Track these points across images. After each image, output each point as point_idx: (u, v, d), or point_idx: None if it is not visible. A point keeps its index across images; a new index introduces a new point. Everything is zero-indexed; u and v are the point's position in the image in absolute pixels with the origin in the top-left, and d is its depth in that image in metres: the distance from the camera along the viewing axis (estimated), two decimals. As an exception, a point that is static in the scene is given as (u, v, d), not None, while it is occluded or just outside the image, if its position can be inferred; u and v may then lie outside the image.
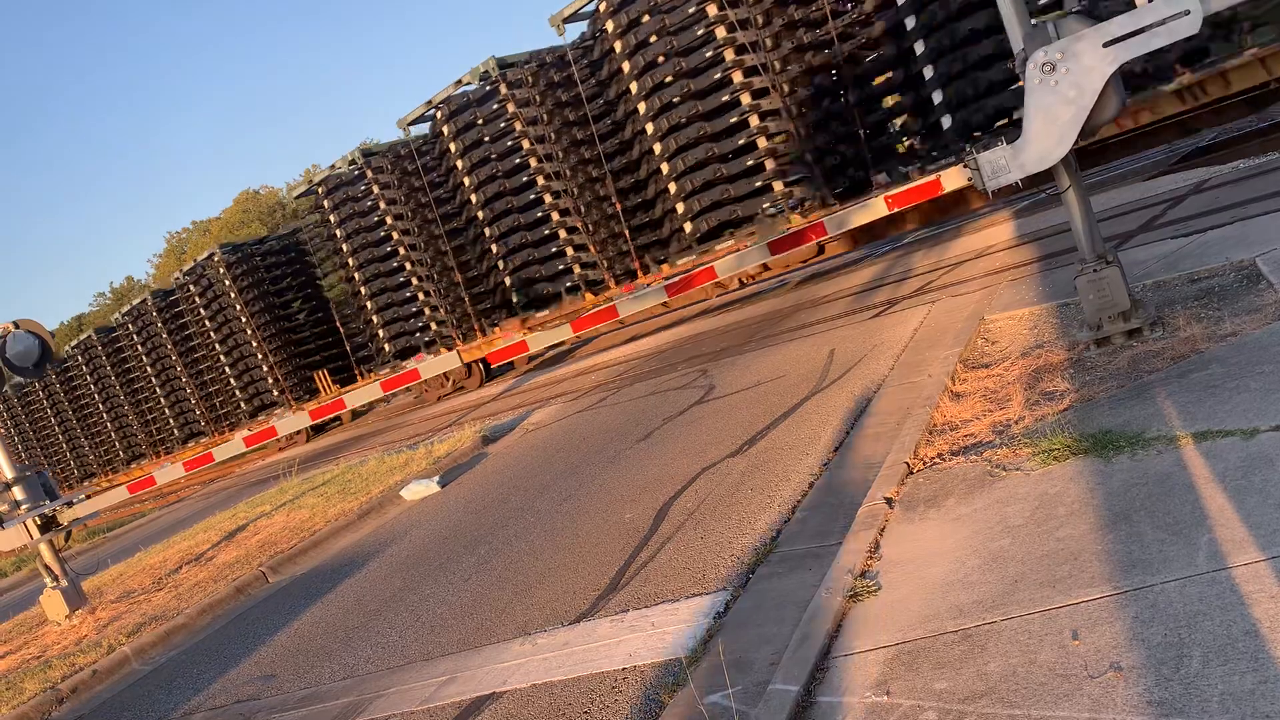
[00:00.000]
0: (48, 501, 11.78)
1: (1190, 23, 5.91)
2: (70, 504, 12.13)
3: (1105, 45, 6.18)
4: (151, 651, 9.12)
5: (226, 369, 28.40)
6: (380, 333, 23.54)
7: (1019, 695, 3.39)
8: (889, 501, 5.61)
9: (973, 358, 7.97)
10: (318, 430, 28.62)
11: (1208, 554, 3.78)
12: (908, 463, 6.05)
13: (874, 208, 11.94)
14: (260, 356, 27.32)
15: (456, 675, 5.82)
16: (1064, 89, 6.33)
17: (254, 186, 67.45)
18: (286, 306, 27.93)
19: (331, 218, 23.45)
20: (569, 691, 5.03)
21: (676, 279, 14.90)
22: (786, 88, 16.10)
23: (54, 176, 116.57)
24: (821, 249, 17.35)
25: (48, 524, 11.70)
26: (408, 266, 22.73)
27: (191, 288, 28.38)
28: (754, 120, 16.23)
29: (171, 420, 31.72)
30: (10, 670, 9.73)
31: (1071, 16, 6.44)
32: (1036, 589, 4.03)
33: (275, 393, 27.29)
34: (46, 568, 11.50)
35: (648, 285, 17.16)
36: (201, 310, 28.32)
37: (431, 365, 18.36)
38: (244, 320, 27.12)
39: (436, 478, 12.05)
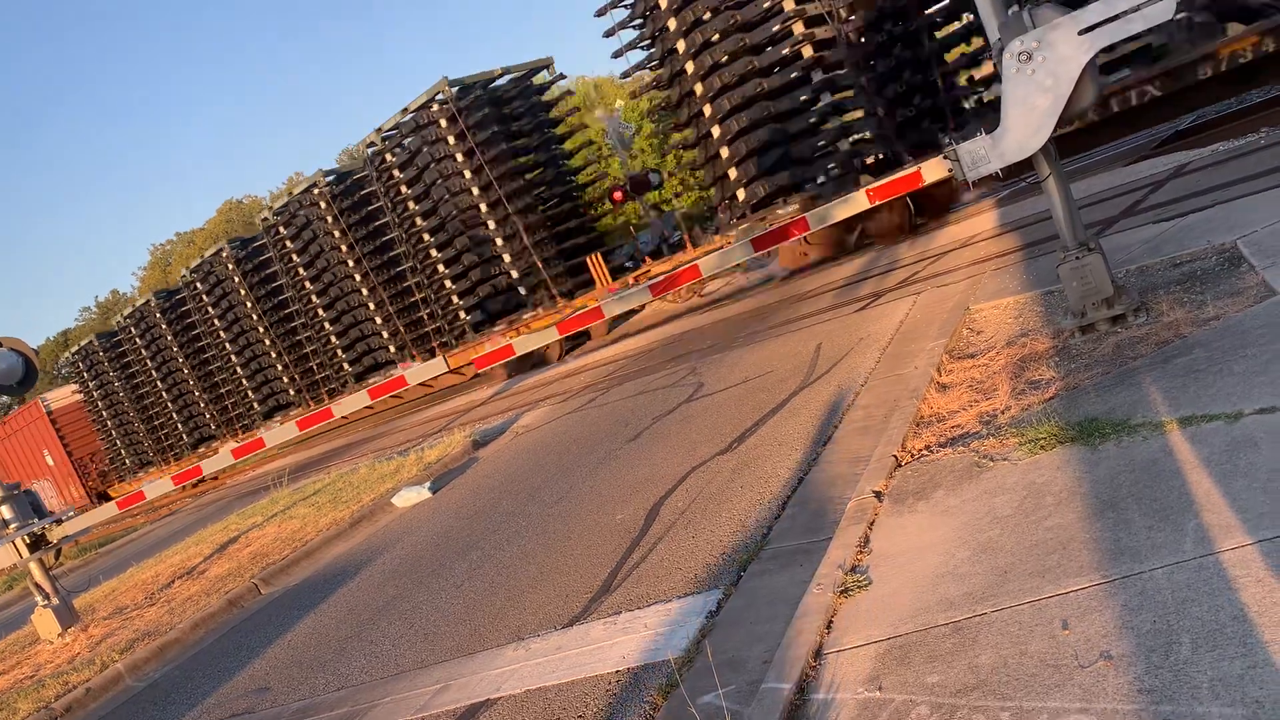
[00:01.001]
0: (36, 519, 11.70)
1: (1164, 8, 5.92)
2: (59, 521, 12.06)
3: (1080, 33, 6.18)
4: (145, 667, 9.07)
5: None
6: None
7: (1010, 687, 3.39)
8: (878, 495, 5.61)
9: (958, 348, 7.98)
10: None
11: (1195, 539, 3.78)
12: (896, 456, 6.06)
13: (855, 201, 11.95)
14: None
15: (451, 683, 5.80)
16: (1041, 78, 6.34)
17: (237, 196, 67.17)
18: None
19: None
20: (563, 696, 5.02)
21: (660, 278, 14.89)
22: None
23: (36, 192, 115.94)
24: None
25: (37, 542, 11.62)
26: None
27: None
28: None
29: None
30: (3, 690, 9.67)
31: (1046, 5, 6.44)
32: (1026, 579, 4.04)
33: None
34: (37, 586, 11.43)
35: (632, 286, 17.15)
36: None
37: (418, 371, 18.28)
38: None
39: (427, 484, 12.02)
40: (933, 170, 10.48)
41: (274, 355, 26.41)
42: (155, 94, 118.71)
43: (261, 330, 26.25)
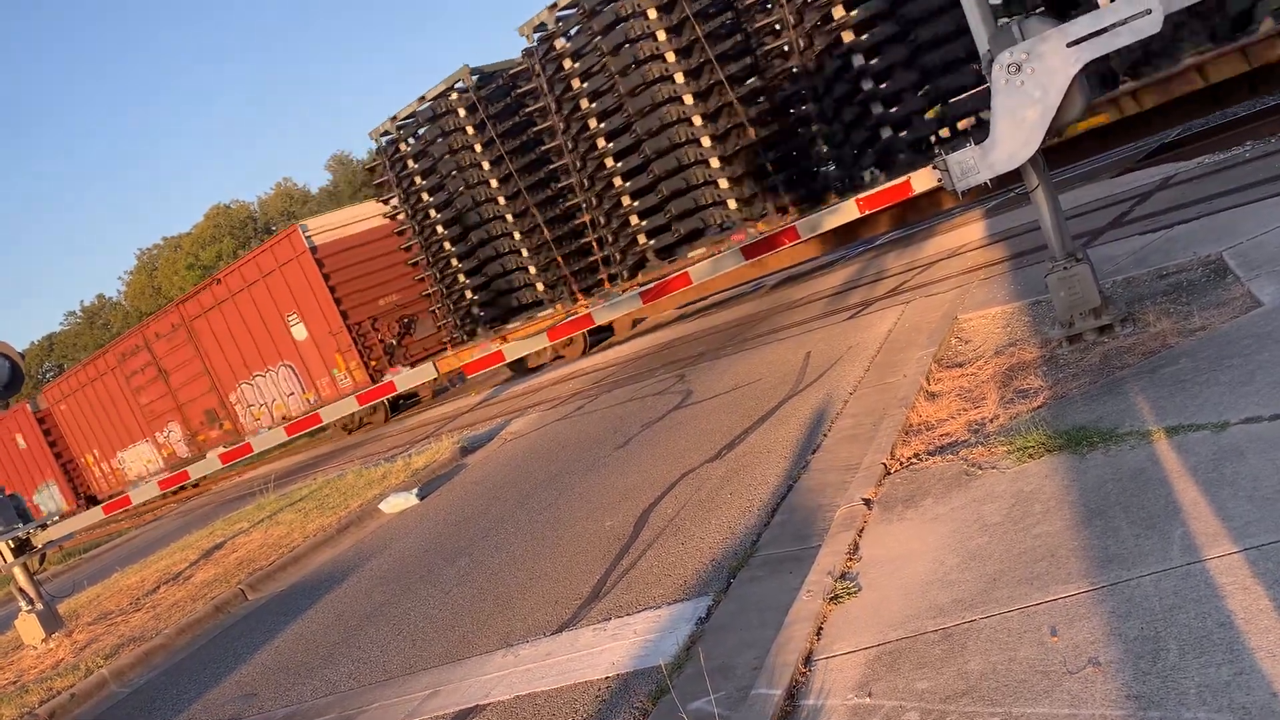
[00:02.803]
0: (21, 524, 11.63)
1: (1151, 22, 5.98)
2: (44, 526, 11.99)
3: (1069, 45, 6.24)
4: (130, 673, 9.03)
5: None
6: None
7: (1000, 693, 3.41)
8: (867, 503, 5.63)
9: (947, 357, 8.02)
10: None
11: (1182, 547, 3.82)
12: (885, 464, 6.08)
13: (845, 210, 11.98)
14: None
15: (439, 689, 5.79)
16: (1030, 89, 6.39)
17: (225, 201, 66.98)
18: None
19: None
20: (552, 702, 5.02)
21: (651, 285, 14.90)
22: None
23: (22, 196, 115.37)
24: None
25: (21, 547, 11.55)
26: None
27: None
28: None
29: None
30: (-14, 696, 9.60)
31: (1035, 17, 6.50)
32: (1015, 586, 4.06)
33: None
34: (21, 591, 11.36)
35: (623, 293, 17.16)
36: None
37: (407, 377, 18.20)
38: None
39: (415, 490, 12.00)
40: (922, 180, 10.51)
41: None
42: (142, 98, 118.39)
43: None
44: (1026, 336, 7.59)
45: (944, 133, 13.71)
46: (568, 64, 16.79)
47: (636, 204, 16.67)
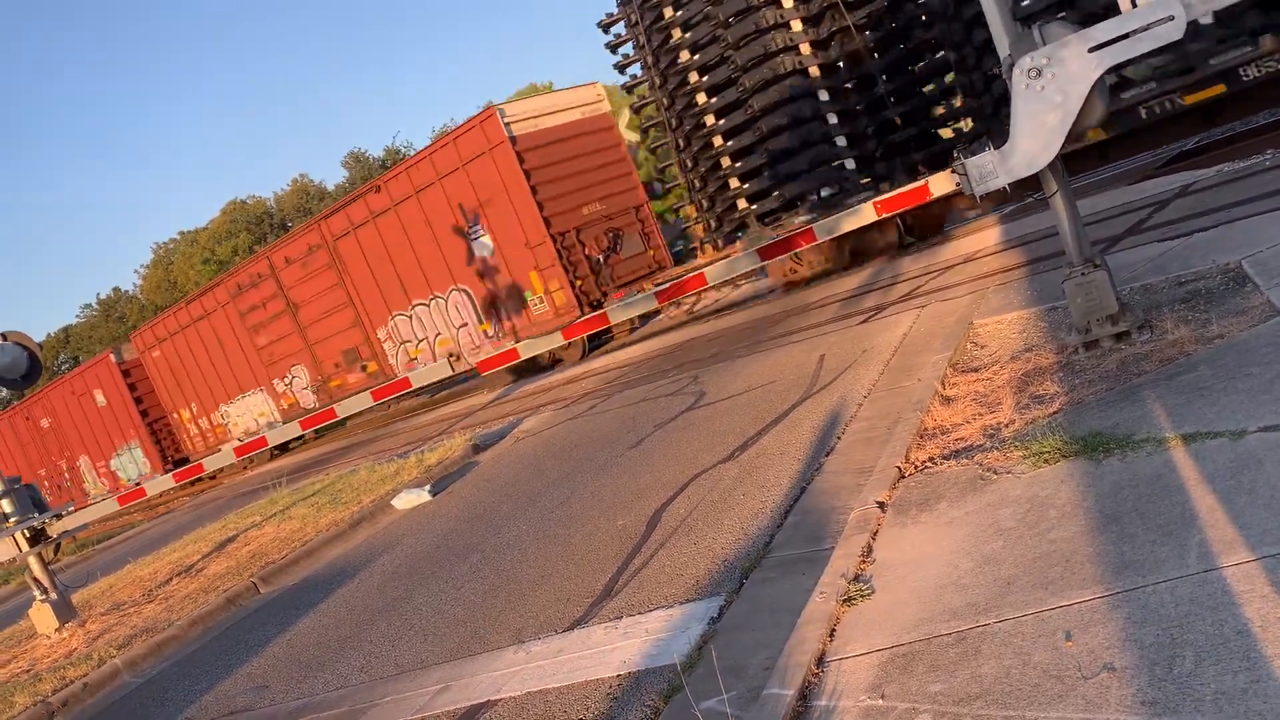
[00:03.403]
0: (36, 514, 11.71)
1: (1174, 27, 5.96)
2: (59, 516, 12.07)
3: (1090, 50, 6.22)
4: (142, 664, 9.07)
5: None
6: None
7: (1013, 697, 3.40)
8: (881, 505, 5.63)
9: (962, 362, 8.00)
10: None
11: (1198, 554, 3.80)
12: (899, 467, 6.08)
13: (863, 213, 11.98)
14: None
15: (451, 684, 5.81)
16: (1050, 94, 6.37)
17: (241, 196, 67.21)
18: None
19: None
20: (563, 699, 5.03)
21: (666, 285, 14.90)
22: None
23: (39, 189, 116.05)
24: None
25: (36, 536, 11.63)
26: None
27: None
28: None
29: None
30: (0, 684, 9.67)
31: (1056, 22, 6.49)
32: (1029, 591, 4.05)
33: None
34: (35, 580, 11.43)
35: (638, 293, 17.18)
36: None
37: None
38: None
39: (428, 487, 12.03)
40: (940, 184, 10.51)
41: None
42: (160, 92, 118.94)
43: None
44: (1043, 342, 7.57)
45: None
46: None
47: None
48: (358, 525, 11.68)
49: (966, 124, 16.77)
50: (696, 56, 16.08)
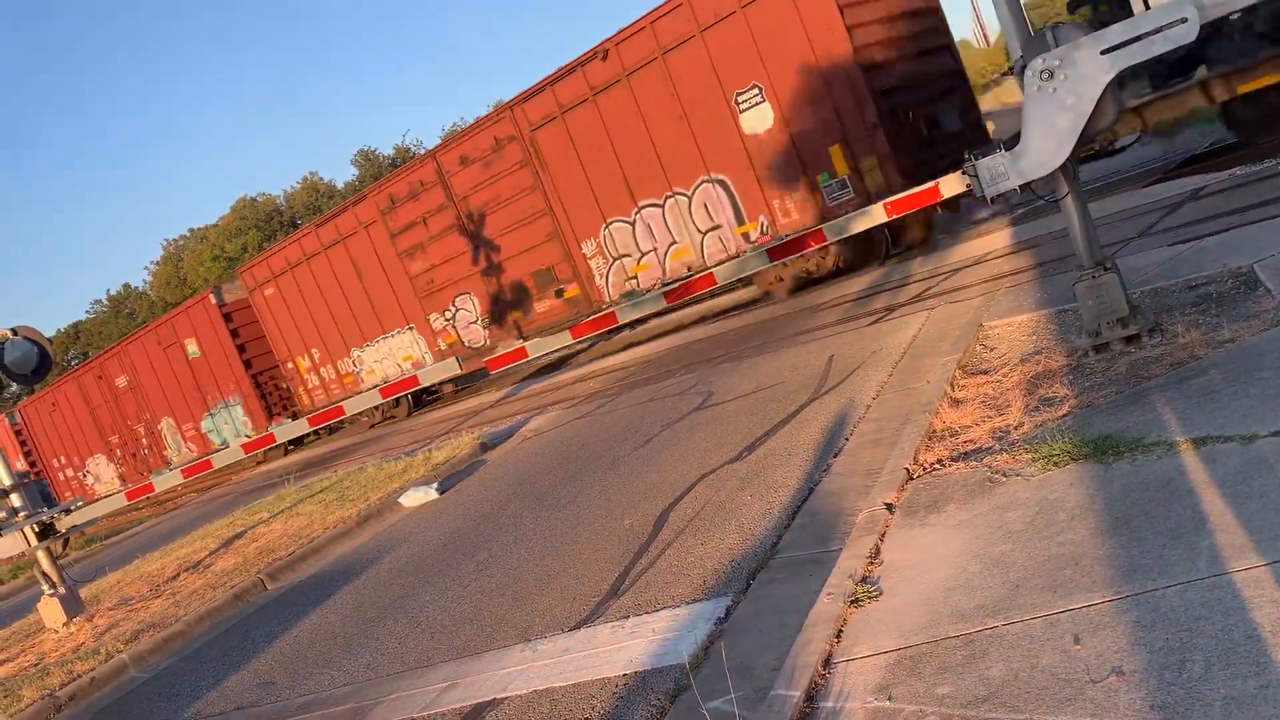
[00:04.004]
0: (45, 509, 11.76)
1: (1187, 30, 5.93)
2: (68, 511, 12.11)
3: (1103, 53, 6.20)
4: (150, 659, 9.10)
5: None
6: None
7: (1021, 700, 3.39)
8: (889, 507, 5.62)
9: (971, 364, 7.98)
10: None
11: (1208, 559, 3.79)
12: (908, 468, 6.06)
13: (873, 214, 11.91)
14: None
15: (457, 681, 5.82)
16: (1062, 96, 6.35)
17: (251, 194, 67.35)
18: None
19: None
20: (570, 698, 5.03)
21: (675, 285, 14.88)
22: None
23: (50, 185, 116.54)
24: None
25: (45, 531, 11.67)
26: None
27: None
28: None
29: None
30: (8, 678, 9.70)
31: (1069, 24, 6.47)
32: (1038, 594, 4.04)
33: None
34: (44, 575, 11.48)
35: (646, 292, 17.16)
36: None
37: (431, 372, 18.13)
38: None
39: (435, 484, 12.04)
40: (950, 185, 10.43)
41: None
42: (170, 89, 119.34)
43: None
44: (1052, 345, 7.54)
45: None
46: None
47: None
48: (365, 522, 11.70)
49: None
50: None
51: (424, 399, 24.91)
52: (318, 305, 23.92)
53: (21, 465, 35.58)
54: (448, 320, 21.44)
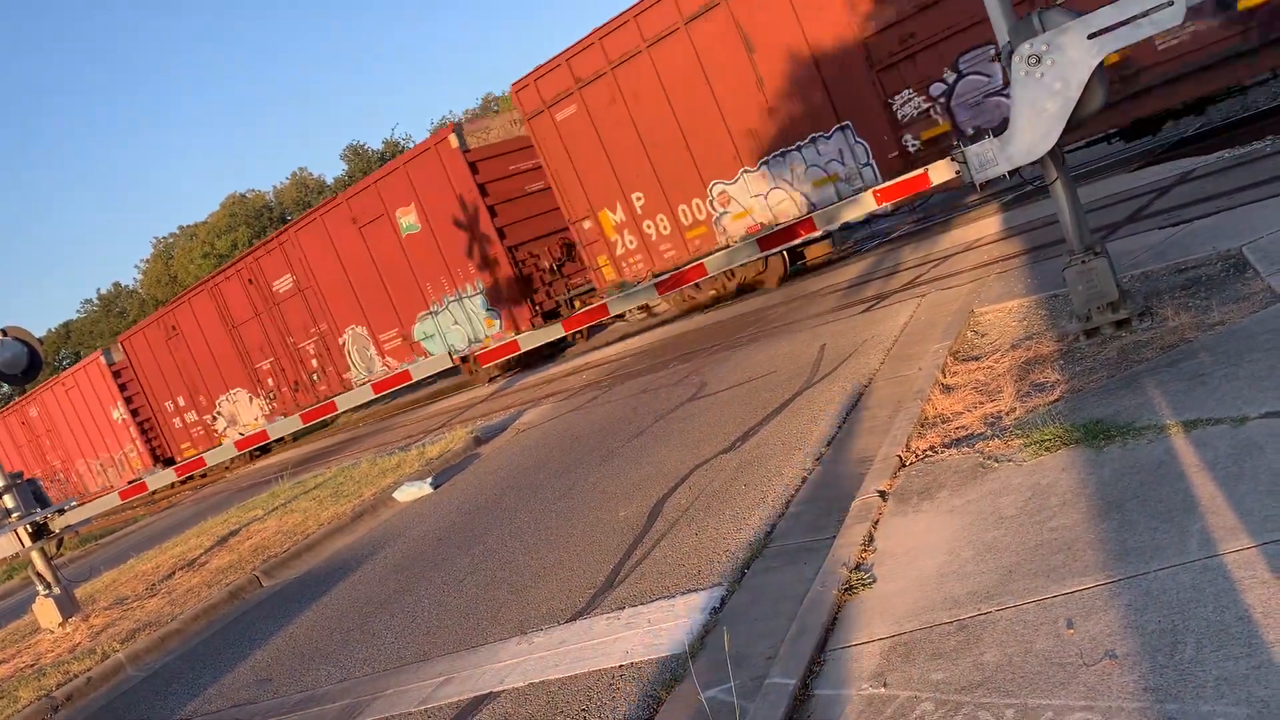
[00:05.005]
0: (39, 509, 11.73)
1: (1173, 13, 5.93)
2: (61, 511, 12.08)
3: (1090, 37, 6.21)
4: (146, 657, 9.09)
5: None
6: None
7: (1015, 684, 3.41)
8: (882, 494, 5.63)
9: (963, 350, 8.00)
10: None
11: (1200, 541, 3.80)
12: (900, 456, 6.07)
13: (863, 202, 11.92)
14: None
15: (453, 675, 5.82)
16: (1049, 81, 6.36)
17: (240, 190, 67.12)
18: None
19: None
20: (566, 689, 5.03)
21: (666, 276, 14.89)
22: None
23: (39, 184, 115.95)
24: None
25: (39, 531, 11.64)
26: None
27: None
28: None
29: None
30: (4, 678, 9.69)
31: (1055, 9, 6.47)
32: (1031, 579, 4.05)
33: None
34: (38, 575, 11.45)
35: (638, 284, 17.16)
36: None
37: (423, 366, 18.23)
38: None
39: (429, 479, 12.03)
40: (939, 173, 10.44)
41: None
42: (159, 85, 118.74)
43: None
44: (1043, 330, 7.56)
45: None
46: None
47: None
48: (359, 518, 11.69)
49: None
50: None
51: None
52: (654, 123, 16.49)
53: (122, 413, 30.66)
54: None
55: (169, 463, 29.30)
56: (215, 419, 27.85)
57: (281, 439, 27.62)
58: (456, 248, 19.80)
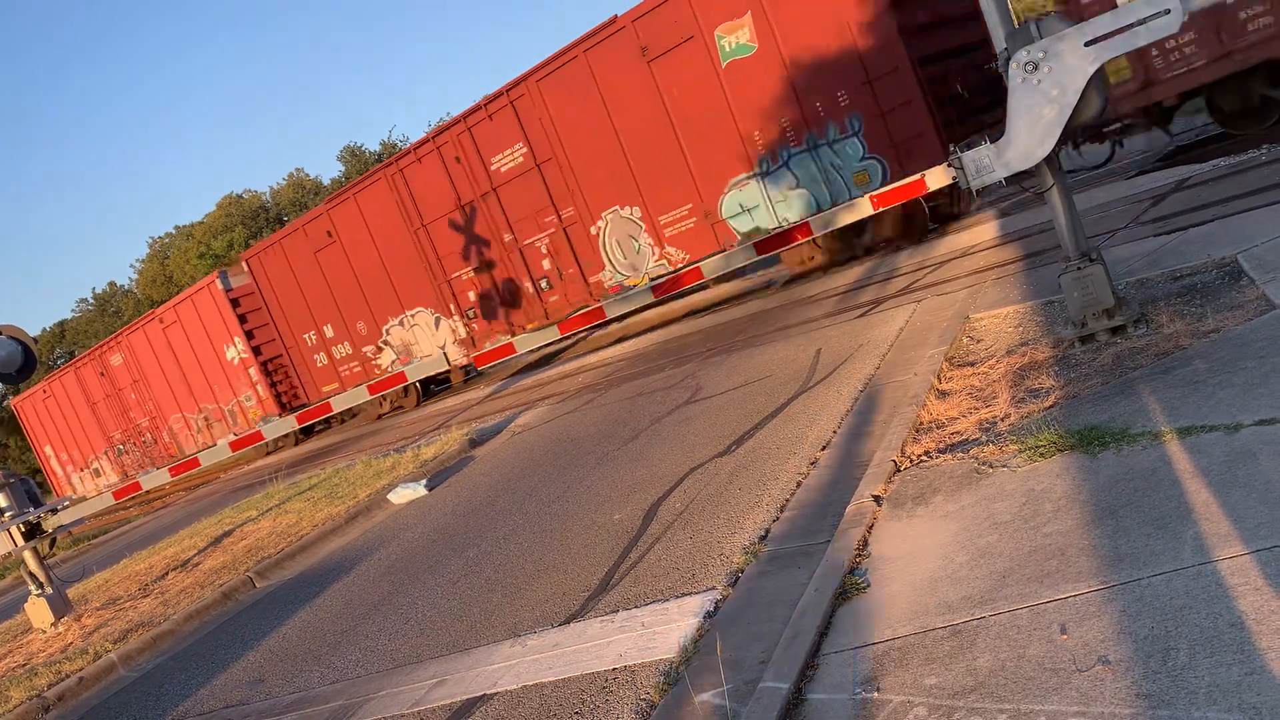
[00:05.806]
0: (31, 508, 11.70)
1: (1170, 22, 5.96)
2: (54, 511, 12.05)
3: (1087, 44, 6.22)
4: (139, 658, 9.07)
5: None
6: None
7: (1008, 690, 3.41)
8: (877, 499, 5.63)
9: (958, 356, 8.01)
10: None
11: (1193, 548, 3.81)
12: (895, 461, 6.08)
13: (859, 207, 11.97)
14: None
15: (446, 677, 5.81)
16: (1046, 88, 6.37)
17: (237, 190, 67.04)
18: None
19: None
20: (559, 692, 5.03)
21: (663, 280, 14.89)
22: None
23: (35, 183, 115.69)
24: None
25: (32, 531, 11.61)
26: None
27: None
28: None
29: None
30: (-5, 679, 9.66)
31: (1053, 16, 6.49)
32: (1024, 584, 4.06)
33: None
34: (31, 575, 11.42)
35: (634, 287, 17.17)
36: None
37: (419, 367, 18.19)
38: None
39: (424, 481, 12.02)
40: (936, 178, 10.48)
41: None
42: (154, 86, 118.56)
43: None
44: (1039, 336, 7.57)
45: None
46: None
47: None
48: (354, 520, 11.68)
49: None
50: None
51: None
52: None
53: (240, 351, 24.94)
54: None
55: (300, 409, 23.52)
56: (381, 349, 21.61)
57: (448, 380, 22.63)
58: (824, 69, 13.88)
